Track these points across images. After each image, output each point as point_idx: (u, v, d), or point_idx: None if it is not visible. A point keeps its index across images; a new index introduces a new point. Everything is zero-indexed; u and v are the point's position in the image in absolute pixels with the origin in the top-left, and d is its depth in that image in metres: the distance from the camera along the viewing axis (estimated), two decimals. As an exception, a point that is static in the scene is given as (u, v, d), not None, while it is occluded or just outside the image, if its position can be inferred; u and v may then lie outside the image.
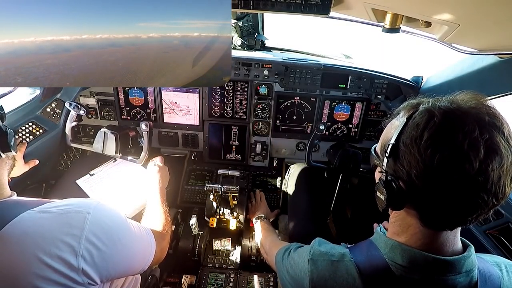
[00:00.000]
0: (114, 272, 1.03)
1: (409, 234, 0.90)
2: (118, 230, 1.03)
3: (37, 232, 0.86)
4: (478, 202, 0.76)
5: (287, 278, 1.13)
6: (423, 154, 0.76)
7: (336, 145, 2.23)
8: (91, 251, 0.91)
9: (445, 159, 0.74)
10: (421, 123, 0.78)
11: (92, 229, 0.93)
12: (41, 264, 0.84)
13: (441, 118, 0.76)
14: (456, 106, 0.78)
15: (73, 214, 0.93)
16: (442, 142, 0.75)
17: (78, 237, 0.90)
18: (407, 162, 0.80)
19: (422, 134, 0.77)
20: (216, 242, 2.15)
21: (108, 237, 0.97)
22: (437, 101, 0.82)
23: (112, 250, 0.98)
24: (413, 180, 0.79)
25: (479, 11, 0.89)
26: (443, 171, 0.75)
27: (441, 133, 0.75)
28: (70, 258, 0.87)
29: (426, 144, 0.76)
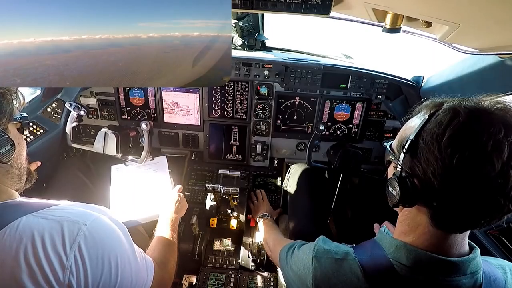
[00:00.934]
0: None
1: (417, 234, 0.89)
2: (111, 249, 0.97)
3: (30, 237, 0.84)
4: (494, 205, 0.75)
5: (291, 275, 1.13)
6: (443, 152, 0.75)
7: (336, 145, 2.23)
8: (78, 265, 0.88)
9: (465, 159, 0.73)
10: (445, 120, 0.77)
11: (84, 242, 0.90)
12: (30, 270, 0.82)
13: (466, 117, 0.75)
14: (482, 106, 0.77)
15: (69, 223, 0.90)
16: (464, 142, 0.73)
17: (69, 247, 0.87)
18: (424, 159, 0.79)
19: (444, 132, 0.76)
20: (217, 242, 2.14)
21: (99, 253, 0.93)
22: (462, 101, 0.80)
23: (101, 268, 0.93)
24: (429, 178, 0.78)
25: (480, 11, 0.89)
26: (461, 171, 0.74)
27: (464, 132, 0.74)
28: (58, 270, 0.85)
29: (447, 142, 0.74)
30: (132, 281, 1.05)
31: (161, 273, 1.26)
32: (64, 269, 0.85)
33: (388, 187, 0.89)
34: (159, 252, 1.43)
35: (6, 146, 0.91)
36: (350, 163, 2.05)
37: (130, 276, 1.03)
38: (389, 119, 2.30)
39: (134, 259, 1.08)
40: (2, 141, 0.90)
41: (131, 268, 1.04)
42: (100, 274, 0.93)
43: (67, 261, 0.85)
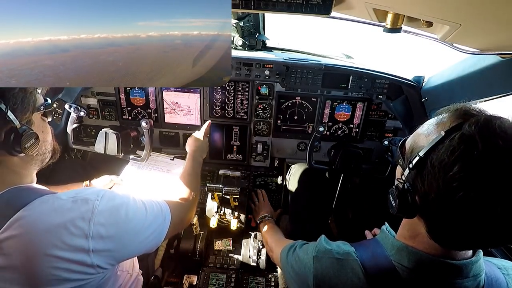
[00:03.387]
0: (125, 253, 1.07)
1: (417, 240, 0.88)
2: (127, 214, 1.05)
3: (50, 216, 0.90)
4: (495, 238, 0.74)
5: (292, 274, 1.13)
6: (447, 185, 0.71)
7: (337, 145, 2.22)
8: (101, 233, 0.95)
9: (468, 200, 0.69)
10: (457, 150, 0.70)
11: (102, 213, 0.97)
12: (53, 247, 0.88)
13: (482, 151, 0.67)
14: (504, 136, 0.68)
15: (83, 201, 0.96)
16: (473, 182, 0.68)
17: (88, 220, 0.93)
18: (428, 182, 0.75)
19: (454, 164, 0.70)
20: (217, 242, 2.15)
21: (117, 220, 1.01)
22: (485, 126, 0.70)
23: (122, 233, 1.02)
24: (428, 201, 0.76)
25: (481, 11, 0.89)
26: (462, 207, 0.70)
27: (476, 170, 0.68)
28: (81, 240, 0.91)
29: (454, 176, 0.69)
30: (151, 234, 1.15)
31: (178, 213, 1.35)
32: (87, 238, 0.92)
33: (389, 195, 0.88)
34: (176, 191, 1.53)
35: (30, 140, 0.97)
36: (351, 163, 2.05)
37: (149, 232, 1.14)
38: (390, 119, 2.30)
39: (150, 214, 1.17)
40: (27, 137, 0.95)
41: (149, 224, 1.14)
42: (122, 237, 1.02)
43: (89, 232, 0.93)
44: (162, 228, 1.22)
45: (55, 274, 0.88)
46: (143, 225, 1.12)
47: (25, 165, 1.04)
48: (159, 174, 2.12)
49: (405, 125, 2.24)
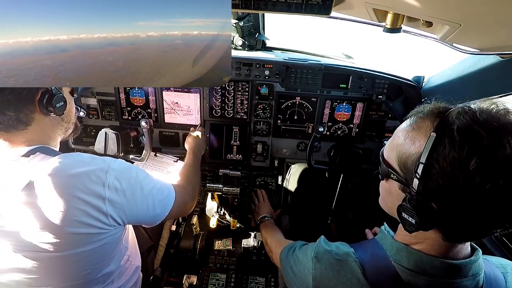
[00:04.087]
0: (134, 212, 1.17)
1: (424, 244, 0.87)
2: (137, 175, 1.19)
3: (74, 165, 1.03)
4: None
5: (291, 275, 1.13)
6: (470, 180, 0.69)
7: (337, 145, 2.22)
8: (116, 186, 1.08)
9: (498, 188, 0.68)
10: (466, 144, 0.70)
11: (116, 170, 1.10)
12: (77, 189, 1.01)
13: (487, 137, 0.68)
14: (493, 118, 0.71)
15: (100, 159, 1.11)
16: (497, 169, 0.68)
17: (105, 172, 1.07)
18: (444, 185, 0.73)
19: (469, 158, 0.69)
20: (217, 242, 2.15)
21: (129, 177, 1.14)
22: (474, 115, 0.72)
23: (133, 189, 1.14)
24: (448, 204, 0.75)
25: (481, 11, 0.88)
26: (494, 198, 0.69)
27: (494, 158, 0.68)
28: (99, 187, 1.04)
29: (474, 171, 0.69)
30: (158, 202, 1.27)
31: (181, 195, 1.46)
32: (104, 186, 1.05)
33: (402, 213, 0.83)
34: (179, 179, 1.67)
35: (60, 102, 1.14)
36: (351, 163, 2.05)
37: (156, 198, 1.26)
38: (390, 119, 2.30)
39: (158, 183, 1.30)
40: (58, 98, 1.12)
41: (156, 191, 1.26)
42: (133, 197, 1.14)
43: (106, 181, 1.06)
44: (167, 201, 1.34)
45: (76, 215, 1.00)
46: (151, 191, 1.23)
47: (53, 128, 1.20)
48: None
49: (405, 125, 2.24)
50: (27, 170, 1.00)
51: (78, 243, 1.05)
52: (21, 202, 0.98)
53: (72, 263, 1.09)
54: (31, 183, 0.98)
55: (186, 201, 1.53)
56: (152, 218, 1.29)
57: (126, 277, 1.42)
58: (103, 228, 1.08)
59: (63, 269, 1.09)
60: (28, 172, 1.00)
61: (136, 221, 1.24)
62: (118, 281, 1.36)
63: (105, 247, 1.14)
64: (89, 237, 1.06)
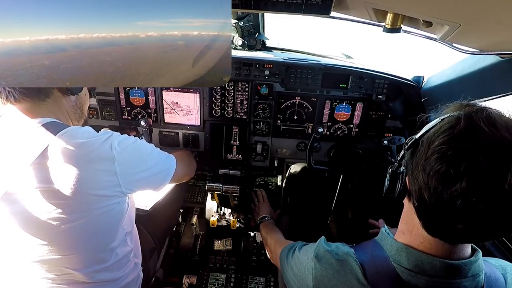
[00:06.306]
0: (138, 183, 1.30)
1: (413, 235, 0.89)
2: (136, 141, 1.31)
3: (84, 134, 1.16)
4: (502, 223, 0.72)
5: (291, 275, 1.13)
6: (429, 157, 0.74)
7: (337, 145, 2.22)
8: (121, 147, 1.21)
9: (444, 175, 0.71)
10: (443, 127, 0.75)
11: (117, 137, 1.23)
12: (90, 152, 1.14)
13: (462, 128, 0.72)
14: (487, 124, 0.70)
15: (102, 133, 1.22)
16: (452, 154, 0.70)
17: (109, 136, 1.20)
18: (416, 161, 0.80)
19: (437, 137, 0.74)
20: (217, 242, 2.15)
21: (130, 144, 1.27)
22: (475, 111, 0.74)
23: (133, 152, 1.27)
24: (416, 179, 0.79)
25: (480, 11, 0.89)
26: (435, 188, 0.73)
27: (455, 140, 0.71)
28: (108, 150, 1.17)
29: (434, 148, 0.73)
30: (160, 168, 1.40)
31: (181, 163, 1.58)
32: (111, 148, 1.18)
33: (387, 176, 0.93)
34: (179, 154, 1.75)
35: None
36: (351, 163, 2.05)
37: (158, 164, 1.39)
38: (390, 119, 2.30)
39: (157, 151, 1.43)
40: None
41: (157, 157, 1.40)
42: (136, 165, 1.28)
43: (112, 143, 1.18)
44: (169, 167, 1.46)
45: (88, 177, 1.13)
46: (152, 151, 1.38)
47: (68, 109, 1.30)
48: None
49: (405, 125, 2.24)
50: (45, 136, 1.11)
51: (88, 206, 1.16)
52: (38, 164, 1.09)
53: (80, 228, 1.18)
54: (47, 148, 1.09)
55: (186, 172, 1.68)
56: (155, 184, 1.42)
57: (125, 270, 1.45)
58: (113, 189, 1.20)
59: (72, 237, 1.19)
60: (45, 138, 1.11)
61: (142, 186, 1.35)
62: (118, 272, 1.42)
63: (110, 214, 1.25)
64: (98, 200, 1.18)
